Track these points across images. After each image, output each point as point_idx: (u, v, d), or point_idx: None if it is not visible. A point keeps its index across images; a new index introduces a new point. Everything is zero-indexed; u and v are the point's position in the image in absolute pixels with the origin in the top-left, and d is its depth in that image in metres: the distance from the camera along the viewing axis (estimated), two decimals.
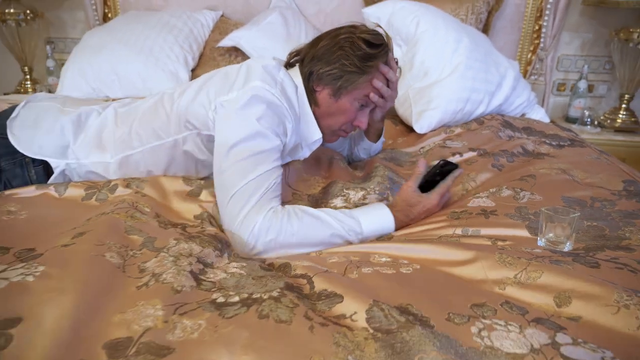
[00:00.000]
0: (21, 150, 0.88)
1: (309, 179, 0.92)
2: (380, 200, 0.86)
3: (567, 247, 0.72)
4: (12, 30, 2.07)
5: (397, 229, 0.79)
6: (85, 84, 1.72)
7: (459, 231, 0.71)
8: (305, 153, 0.96)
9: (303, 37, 1.85)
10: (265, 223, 0.72)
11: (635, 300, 0.52)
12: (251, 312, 0.50)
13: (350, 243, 0.77)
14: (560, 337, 0.47)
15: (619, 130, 1.85)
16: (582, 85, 1.93)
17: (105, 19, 2.17)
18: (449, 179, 0.82)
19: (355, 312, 0.50)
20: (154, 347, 0.45)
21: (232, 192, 0.75)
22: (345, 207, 0.83)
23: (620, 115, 1.88)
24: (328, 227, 0.76)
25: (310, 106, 0.89)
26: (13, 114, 0.92)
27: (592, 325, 0.50)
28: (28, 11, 2.05)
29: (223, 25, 1.99)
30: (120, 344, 0.46)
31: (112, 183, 0.83)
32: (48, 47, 2.16)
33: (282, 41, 1.79)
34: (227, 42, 1.79)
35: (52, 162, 0.90)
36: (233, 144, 0.77)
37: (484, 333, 0.47)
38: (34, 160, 0.89)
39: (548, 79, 2.01)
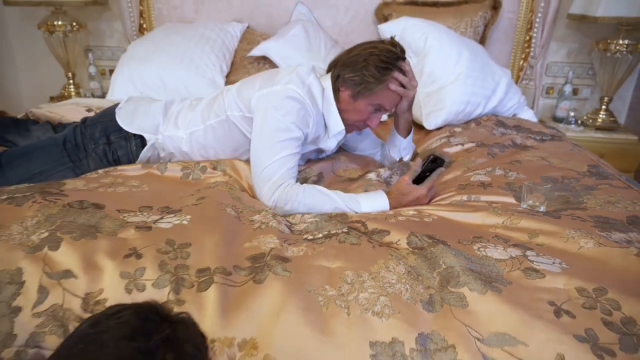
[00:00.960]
0: (125, 128, 1.19)
1: (349, 169, 1.22)
2: (390, 178, 1.16)
3: (542, 209, 1.02)
4: (59, 40, 2.35)
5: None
6: (133, 88, 2.01)
7: (464, 197, 1.01)
8: (332, 143, 1.24)
9: (322, 47, 2.16)
10: (282, 194, 1.01)
11: (578, 234, 0.82)
12: (333, 240, 0.80)
13: None
14: (529, 252, 0.77)
15: (599, 129, 2.16)
16: (568, 89, 2.25)
17: (141, 29, 2.46)
18: (434, 175, 1.07)
19: (399, 240, 0.80)
20: (279, 257, 0.75)
21: (261, 169, 1.05)
22: (377, 180, 1.13)
23: (601, 116, 2.19)
24: (332, 202, 1.02)
25: (335, 103, 1.18)
26: (119, 106, 1.23)
27: (550, 247, 0.80)
28: (74, 23, 2.34)
29: (249, 36, 2.28)
30: (257, 256, 0.75)
31: (201, 165, 1.13)
32: (90, 55, 2.45)
33: (304, 51, 2.09)
34: (256, 51, 2.09)
35: (147, 136, 1.20)
36: (265, 131, 1.07)
37: (482, 249, 0.77)
38: (134, 135, 1.19)
39: (538, 83, 2.32)
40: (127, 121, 1.20)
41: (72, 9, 2.32)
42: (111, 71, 2.62)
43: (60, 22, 2.31)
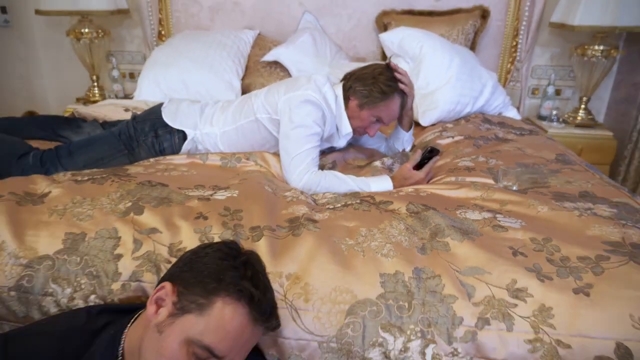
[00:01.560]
0: (170, 124, 1.46)
1: (357, 159, 1.50)
2: (392, 165, 1.43)
3: (514, 188, 1.29)
4: (85, 46, 2.61)
5: None
6: (159, 91, 2.26)
7: (453, 179, 1.28)
8: (342, 142, 1.52)
9: (328, 53, 2.43)
10: (308, 180, 1.28)
11: (538, 202, 1.09)
12: (349, 208, 1.07)
13: None
14: (498, 215, 1.04)
15: (578, 126, 2.43)
16: (551, 90, 2.52)
17: (160, 36, 2.72)
18: (430, 163, 1.33)
19: (400, 207, 1.06)
20: (310, 219, 1.01)
21: (289, 159, 1.32)
22: (382, 167, 1.40)
23: (580, 114, 2.47)
24: (347, 185, 1.29)
25: (345, 109, 1.45)
26: (164, 105, 1.49)
27: (515, 212, 1.07)
28: (100, 30, 2.59)
29: (261, 42, 2.55)
30: (293, 218, 1.02)
31: (237, 155, 1.39)
32: (114, 59, 2.71)
33: (312, 56, 2.36)
34: (269, 57, 2.36)
35: (187, 131, 1.47)
36: (291, 128, 1.34)
37: (462, 213, 1.04)
38: (177, 130, 1.46)
39: (524, 84, 2.59)
40: (171, 118, 1.46)
41: (97, 17, 2.56)
42: (131, 74, 2.90)
43: (87, 30, 2.55)
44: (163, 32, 2.72)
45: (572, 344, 0.79)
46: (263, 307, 0.72)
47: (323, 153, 1.51)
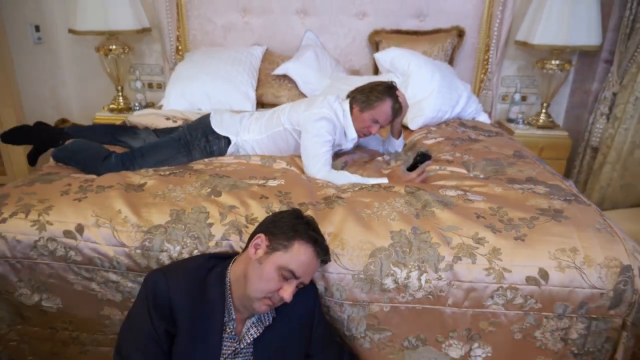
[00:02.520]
0: (217, 131, 1.93)
1: (362, 158, 2.01)
2: (389, 161, 1.94)
3: (481, 176, 1.80)
4: (113, 60, 3.04)
5: None
6: (184, 101, 2.72)
7: (437, 167, 1.79)
8: (349, 145, 2.02)
9: (328, 66, 2.92)
10: (322, 175, 1.76)
11: (495, 184, 1.60)
12: (364, 190, 1.58)
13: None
14: (468, 193, 1.56)
15: (540, 127, 2.99)
16: (517, 97, 3.08)
17: (177, 51, 3.17)
18: (422, 167, 1.80)
19: (400, 189, 1.57)
20: (338, 197, 1.52)
21: (310, 158, 1.81)
22: (382, 161, 1.91)
23: (541, 117, 3.02)
24: (349, 179, 1.77)
25: (350, 116, 1.94)
26: (211, 116, 1.96)
27: (479, 191, 1.59)
28: (125, 46, 3.03)
29: (269, 57, 3.03)
30: (327, 197, 1.52)
31: (271, 157, 1.87)
32: (137, 72, 3.15)
33: (315, 70, 2.85)
34: (279, 71, 2.84)
35: (231, 137, 1.94)
36: (310, 138, 1.83)
37: (444, 192, 1.56)
38: (224, 136, 1.93)
39: (495, 92, 3.14)
40: (218, 127, 1.93)
41: (123, 35, 3.00)
42: (149, 84, 3.35)
43: (114, 47, 2.99)
44: (180, 48, 3.18)
45: (512, 269, 1.30)
46: (322, 247, 1.21)
47: (336, 154, 2.00)
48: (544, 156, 2.90)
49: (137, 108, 3.08)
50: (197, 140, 1.92)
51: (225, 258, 1.30)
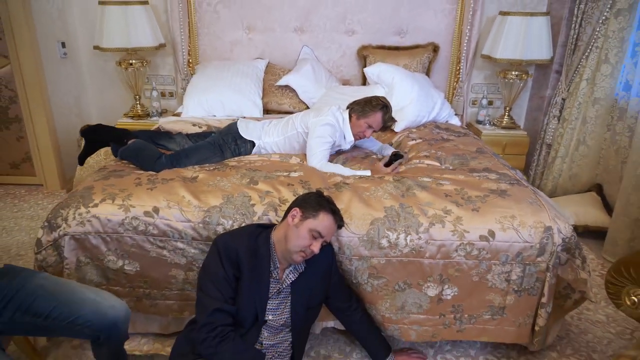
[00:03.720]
0: (244, 136, 2.53)
1: (359, 155, 2.62)
2: (383, 161, 2.57)
3: (450, 168, 2.44)
4: (131, 73, 3.59)
5: None
6: (201, 108, 3.30)
7: (416, 161, 2.43)
8: (347, 146, 2.65)
9: (323, 77, 3.54)
10: (320, 166, 2.40)
11: (459, 173, 2.24)
12: (362, 179, 2.19)
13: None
14: (439, 180, 2.20)
15: (503, 128, 3.67)
16: (484, 101, 3.75)
17: (189, 63, 3.74)
18: (396, 163, 2.48)
19: (389, 178, 2.19)
20: (345, 183, 2.14)
21: (313, 153, 2.45)
22: (375, 157, 2.53)
23: (505, 119, 3.70)
24: (342, 171, 2.41)
25: (349, 124, 2.56)
26: (238, 123, 2.56)
27: (448, 177, 2.23)
28: (144, 60, 3.59)
29: (271, 70, 3.63)
30: (336, 183, 2.15)
31: (288, 155, 2.47)
32: (153, 82, 3.71)
33: (312, 81, 3.47)
34: (282, 82, 3.45)
35: (255, 141, 2.55)
36: (314, 137, 2.47)
37: (421, 178, 2.19)
38: (249, 140, 2.53)
39: (466, 97, 3.81)
40: (245, 133, 2.53)
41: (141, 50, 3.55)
42: (162, 93, 3.90)
43: (134, 61, 3.54)
44: (191, 60, 3.75)
45: (470, 231, 1.94)
46: (339, 216, 1.82)
47: (339, 152, 2.61)
48: (507, 152, 3.60)
49: (154, 114, 3.64)
50: (228, 144, 2.51)
51: (267, 227, 1.89)
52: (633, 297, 1.63)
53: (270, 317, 1.79)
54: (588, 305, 2.52)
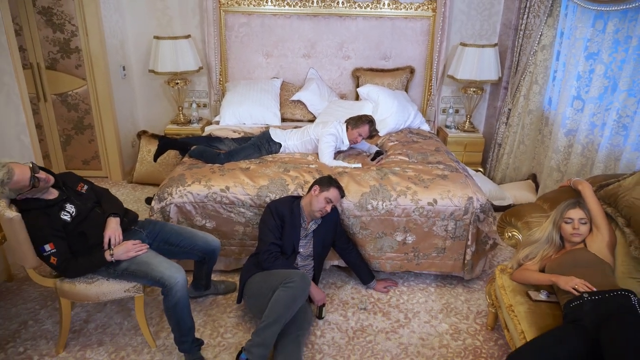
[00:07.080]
0: (275, 139, 4.13)
1: (354, 153, 4.16)
2: (370, 157, 4.10)
3: (415, 161, 3.97)
4: (176, 90, 5.09)
5: None
6: (234, 118, 4.84)
7: (392, 156, 3.96)
8: (345, 148, 4.21)
9: (325, 93, 5.08)
10: (328, 162, 3.99)
11: (421, 164, 3.79)
12: (357, 169, 3.72)
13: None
14: (405, 168, 3.75)
15: (465, 131, 5.25)
16: (451, 110, 5.32)
17: (220, 82, 5.25)
18: (378, 159, 4.07)
19: (374, 169, 3.72)
20: (345, 172, 3.67)
21: (322, 155, 4.07)
22: (366, 155, 4.07)
23: (467, 125, 5.27)
24: (342, 164, 3.97)
25: (346, 133, 4.10)
26: (270, 130, 4.13)
27: (412, 167, 3.78)
28: (187, 80, 5.08)
29: (285, 87, 5.17)
30: (339, 172, 3.67)
31: (304, 154, 4.01)
32: (193, 97, 5.22)
33: (318, 96, 5.02)
34: (295, 97, 4.99)
35: (282, 143, 4.14)
36: (323, 143, 4.05)
37: (394, 168, 3.72)
38: (278, 142, 4.09)
39: (437, 107, 5.36)
40: (275, 137, 4.08)
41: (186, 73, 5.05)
42: (197, 104, 5.40)
43: (179, 80, 5.05)
44: (221, 79, 5.26)
45: (422, 199, 3.50)
46: (342, 191, 3.37)
47: (339, 152, 4.15)
48: (468, 150, 5.16)
49: (194, 121, 5.14)
50: (263, 144, 4.04)
51: (298, 197, 3.40)
52: (508, 233, 3.17)
53: (301, 250, 3.31)
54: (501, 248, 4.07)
